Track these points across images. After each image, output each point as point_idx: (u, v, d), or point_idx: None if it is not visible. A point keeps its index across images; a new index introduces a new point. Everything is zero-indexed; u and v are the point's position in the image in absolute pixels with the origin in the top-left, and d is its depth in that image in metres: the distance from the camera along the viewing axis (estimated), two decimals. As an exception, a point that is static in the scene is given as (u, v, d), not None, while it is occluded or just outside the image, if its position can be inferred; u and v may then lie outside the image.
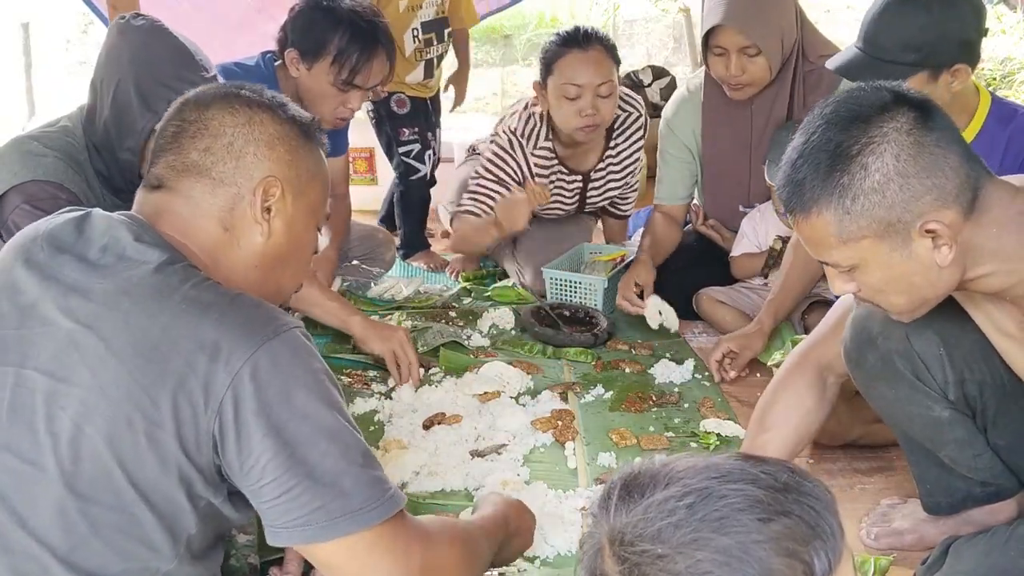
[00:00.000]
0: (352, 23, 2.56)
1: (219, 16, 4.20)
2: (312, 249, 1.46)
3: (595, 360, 2.66)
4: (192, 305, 1.20)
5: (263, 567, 1.64)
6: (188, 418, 1.16)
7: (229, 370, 1.16)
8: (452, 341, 2.73)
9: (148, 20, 2.06)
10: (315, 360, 1.24)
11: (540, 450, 2.18)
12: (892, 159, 1.32)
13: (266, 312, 1.24)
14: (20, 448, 1.19)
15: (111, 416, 1.16)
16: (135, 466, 1.17)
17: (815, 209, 1.37)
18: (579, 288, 2.98)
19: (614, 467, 2.09)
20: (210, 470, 1.20)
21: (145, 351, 1.17)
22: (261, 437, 1.17)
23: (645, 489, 0.89)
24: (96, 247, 1.26)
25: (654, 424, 2.31)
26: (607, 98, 2.82)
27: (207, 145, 1.31)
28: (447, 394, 2.38)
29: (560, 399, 2.41)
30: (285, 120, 1.36)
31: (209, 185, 1.31)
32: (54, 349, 1.20)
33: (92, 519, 1.18)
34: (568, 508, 1.91)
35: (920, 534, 1.82)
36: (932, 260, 1.37)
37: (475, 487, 1.99)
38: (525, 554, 1.76)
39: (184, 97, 1.38)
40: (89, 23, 9.04)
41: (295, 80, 2.62)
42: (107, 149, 2.04)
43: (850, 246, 1.38)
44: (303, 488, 1.18)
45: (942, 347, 1.61)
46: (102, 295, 1.21)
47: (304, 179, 1.37)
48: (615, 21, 8.17)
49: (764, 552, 0.82)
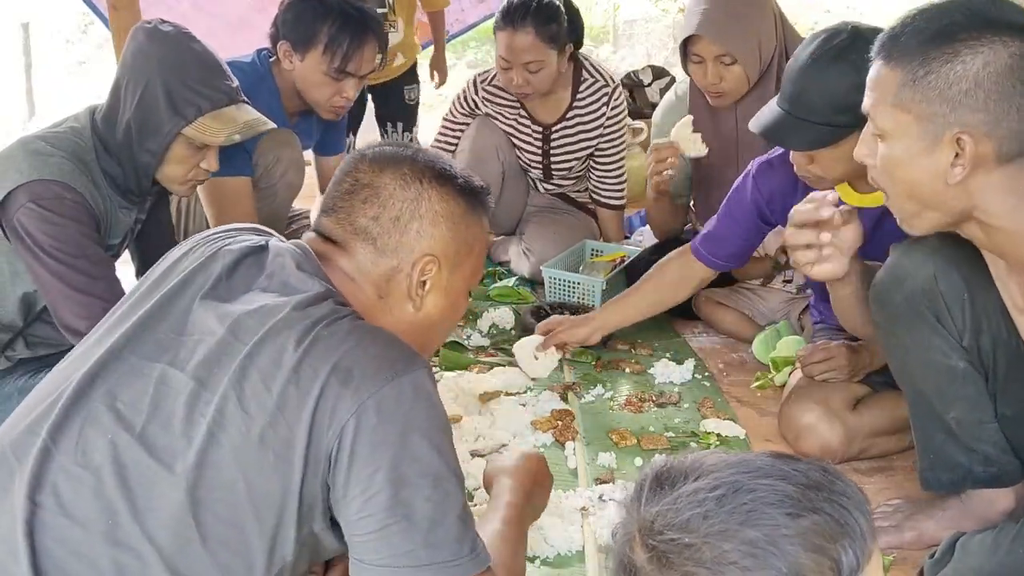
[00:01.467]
0: (341, 11, 2.59)
1: (218, 15, 4.22)
2: (463, 312, 1.53)
3: (595, 360, 2.66)
4: (335, 333, 1.24)
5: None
6: (315, 440, 1.19)
7: (357, 398, 1.19)
8: (452, 341, 2.73)
9: (176, 27, 2.11)
10: (436, 405, 1.27)
11: (540, 450, 2.18)
12: (980, 64, 1.36)
13: (402, 349, 1.27)
14: (154, 445, 1.21)
15: (245, 430, 1.19)
16: (257, 482, 1.19)
17: (895, 62, 1.43)
18: (578, 288, 2.99)
19: (614, 467, 2.10)
20: (322, 494, 1.22)
21: (287, 372, 1.20)
22: (373, 471, 1.19)
23: (676, 481, 0.90)
24: (265, 274, 1.33)
25: (654, 424, 2.31)
26: (536, 73, 3.00)
27: (376, 214, 1.36)
28: (447, 394, 2.38)
29: (560, 399, 2.41)
30: (453, 195, 1.40)
31: (373, 253, 1.36)
32: (204, 356, 1.24)
33: (204, 527, 1.19)
34: (568, 508, 1.91)
35: (919, 532, 1.82)
36: (944, 172, 1.42)
37: (475, 487, 1.99)
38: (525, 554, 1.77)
39: (360, 152, 1.43)
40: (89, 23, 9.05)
41: (290, 74, 2.65)
42: (125, 149, 2.07)
43: (894, 112, 1.44)
44: (398, 529, 1.19)
45: (967, 292, 1.64)
46: (258, 314, 1.26)
47: (463, 252, 1.42)
48: (615, 21, 8.18)
49: (792, 546, 0.83)
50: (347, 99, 2.70)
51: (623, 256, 3.15)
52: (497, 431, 2.22)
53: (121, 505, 1.19)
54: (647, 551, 0.88)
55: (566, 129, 3.24)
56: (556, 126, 3.24)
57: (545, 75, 3.01)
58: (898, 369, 1.78)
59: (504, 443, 2.17)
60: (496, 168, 3.31)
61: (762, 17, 2.65)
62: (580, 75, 3.18)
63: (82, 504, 1.19)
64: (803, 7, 8.24)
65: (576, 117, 3.21)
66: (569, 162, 3.31)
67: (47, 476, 1.21)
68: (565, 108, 3.21)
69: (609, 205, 3.35)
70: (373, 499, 1.19)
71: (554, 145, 3.28)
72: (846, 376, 2.19)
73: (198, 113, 2.03)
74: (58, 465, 1.21)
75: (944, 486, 1.77)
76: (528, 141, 3.30)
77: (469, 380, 2.45)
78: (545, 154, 3.30)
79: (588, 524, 1.86)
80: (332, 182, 1.43)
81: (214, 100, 2.05)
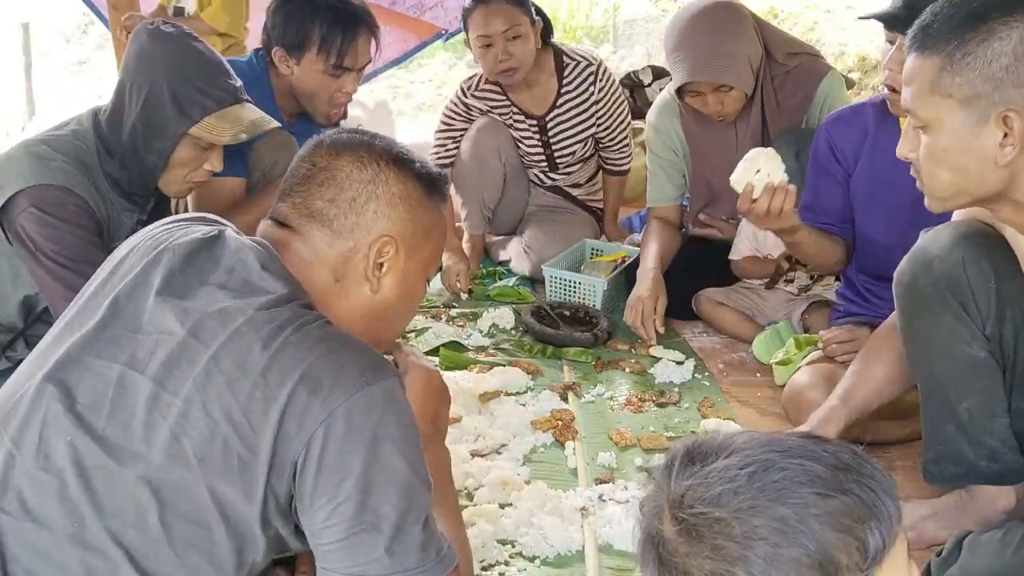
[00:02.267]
0: (328, 7, 2.58)
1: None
2: (420, 300, 1.51)
3: (595, 360, 2.66)
4: (304, 339, 1.23)
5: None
6: (281, 446, 1.19)
7: (326, 407, 1.19)
8: (452, 341, 2.73)
9: (178, 27, 2.12)
10: (406, 413, 1.26)
11: (540, 450, 2.18)
12: (1017, 38, 1.36)
13: (371, 357, 1.26)
14: (115, 446, 1.21)
15: (209, 434, 1.19)
16: (222, 485, 1.19)
17: (930, 49, 1.43)
18: (579, 288, 2.99)
19: (614, 467, 2.10)
20: (285, 499, 1.23)
21: (253, 377, 1.20)
22: (340, 479, 1.19)
23: (707, 457, 0.91)
24: (223, 268, 1.30)
25: (654, 424, 2.31)
26: (517, 40, 3.04)
27: (332, 196, 1.35)
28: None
29: (560, 399, 2.41)
30: (411, 177, 1.39)
31: (329, 235, 1.35)
32: (165, 357, 1.23)
33: (170, 527, 1.19)
34: (568, 508, 1.91)
35: (919, 531, 1.82)
36: (993, 153, 1.41)
37: (475, 487, 1.99)
38: (524, 554, 1.78)
39: (318, 139, 1.42)
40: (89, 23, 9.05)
41: (288, 77, 2.65)
42: (131, 151, 2.07)
43: (934, 99, 1.43)
44: (365, 537, 1.20)
45: (994, 280, 1.64)
46: (221, 316, 1.24)
47: (420, 236, 1.41)
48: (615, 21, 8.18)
49: (819, 525, 0.84)
50: (348, 94, 2.70)
51: (624, 256, 3.15)
52: (497, 431, 2.22)
53: (86, 508, 1.19)
54: (676, 524, 0.89)
55: (559, 116, 3.26)
56: (549, 116, 3.26)
57: (524, 46, 3.05)
58: (916, 355, 1.78)
59: (504, 443, 2.17)
60: (498, 169, 3.32)
61: (745, 39, 2.63)
62: (562, 61, 3.23)
63: (47, 508, 1.19)
64: (803, 7, 8.23)
65: (567, 103, 3.24)
66: (571, 147, 3.33)
67: (11, 481, 1.21)
68: (554, 97, 3.24)
69: (611, 171, 3.46)
70: (340, 507, 1.19)
71: (552, 135, 3.29)
72: None
73: (204, 113, 2.04)
74: (21, 470, 1.21)
75: (946, 479, 1.78)
76: (526, 136, 3.32)
77: (469, 380, 2.44)
78: (545, 145, 3.32)
79: (588, 524, 1.86)
80: (289, 169, 1.42)
81: (219, 100, 2.06)
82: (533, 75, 3.17)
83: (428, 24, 4.47)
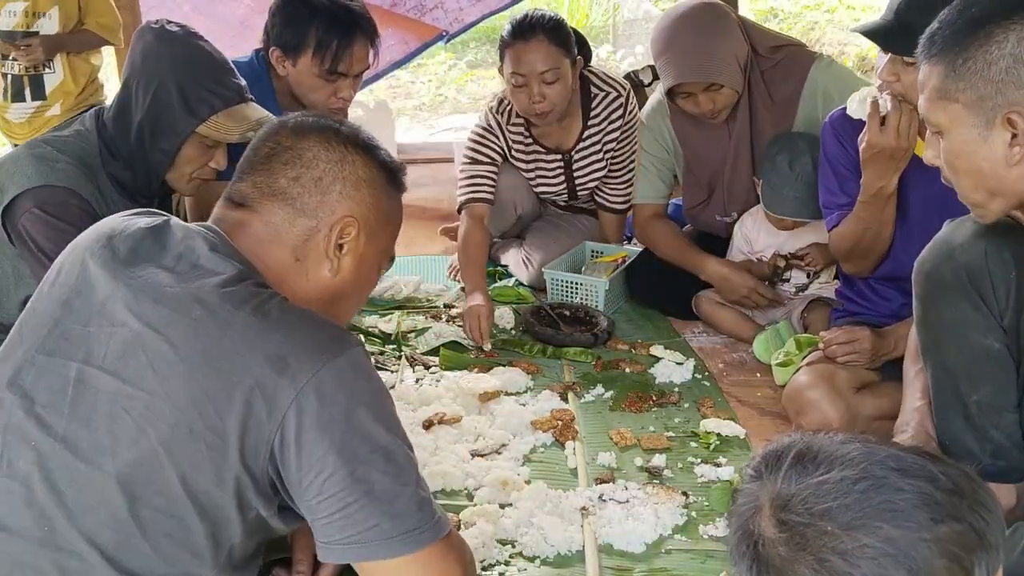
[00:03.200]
0: (327, 12, 2.58)
1: (220, 18, 4.21)
2: (372, 288, 1.52)
3: (595, 360, 2.66)
4: (262, 319, 1.22)
5: (267, 565, 1.64)
6: (250, 428, 1.19)
7: (295, 385, 1.19)
8: (452, 341, 2.73)
9: (182, 26, 2.12)
10: (375, 379, 1.27)
11: (540, 450, 2.18)
12: (1014, 40, 1.39)
13: (332, 330, 1.27)
14: (79, 445, 1.20)
15: (174, 422, 1.18)
16: (191, 473, 1.19)
17: (936, 57, 1.46)
18: (580, 289, 2.99)
19: (614, 467, 2.10)
20: (264, 481, 1.22)
21: (214, 360, 1.19)
22: (323, 453, 1.19)
23: (820, 464, 0.90)
24: (171, 255, 1.29)
25: (654, 424, 2.31)
26: (553, 84, 2.88)
27: (297, 174, 1.35)
28: (447, 394, 2.38)
29: (560, 399, 2.41)
30: (376, 164, 1.40)
31: (291, 214, 1.35)
32: (121, 350, 1.22)
33: (142, 521, 1.19)
34: (568, 508, 1.91)
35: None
36: (1003, 153, 1.43)
37: (475, 487, 1.99)
38: (524, 554, 1.78)
39: (282, 120, 1.42)
40: (89, 23, 9.04)
41: (286, 77, 2.65)
42: (137, 150, 2.07)
43: (943, 105, 1.46)
44: (361, 506, 1.21)
45: (1015, 271, 1.65)
46: (173, 301, 1.23)
47: (380, 222, 1.42)
48: (615, 21, 8.18)
49: (929, 551, 0.84)
50: (344, 100, 2.70)
51: (624, 256, 3.14)
52: (497, 431, 2.22)
53: (55, 511, 1.19)
54: (780, 527, 0.89)
55: (585, 149, 3.16)
56: (576, 149, 3.16)
57: (562, 88, 2.88)
58: (930, 344, 1.78)
59: (504, 443, 2.17)
60: (511, 218, 3.26)
61: (730, 37, 2.64)
62: (589, 92, 3.09)
63: (15, 515, 1.19)
64: (803, 7, 8.24)
65: (591, 137, 3.14)
66: (594, 179, 3.23)
67: None
68: (580, 130, 3.12)
69: (615, 210, 3.30)
70: (329, 480, 1.20)
71: (576, 168, 3.20)
72: (867, 360, 2.23)
73: (212, 111, 2.04)
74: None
75: None
76: (546, 172, 3.21)
77: (469, 380, 2.44)
78: (569, 179, 3.23)
79: (588, 524, 1.86)
80: (249, 148, 1.42)
81: (226, 98, 2.06)
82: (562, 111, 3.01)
83: (429, 26, 4.46)
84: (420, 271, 3.40)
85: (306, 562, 1.55)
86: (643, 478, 2.06)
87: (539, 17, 2.89)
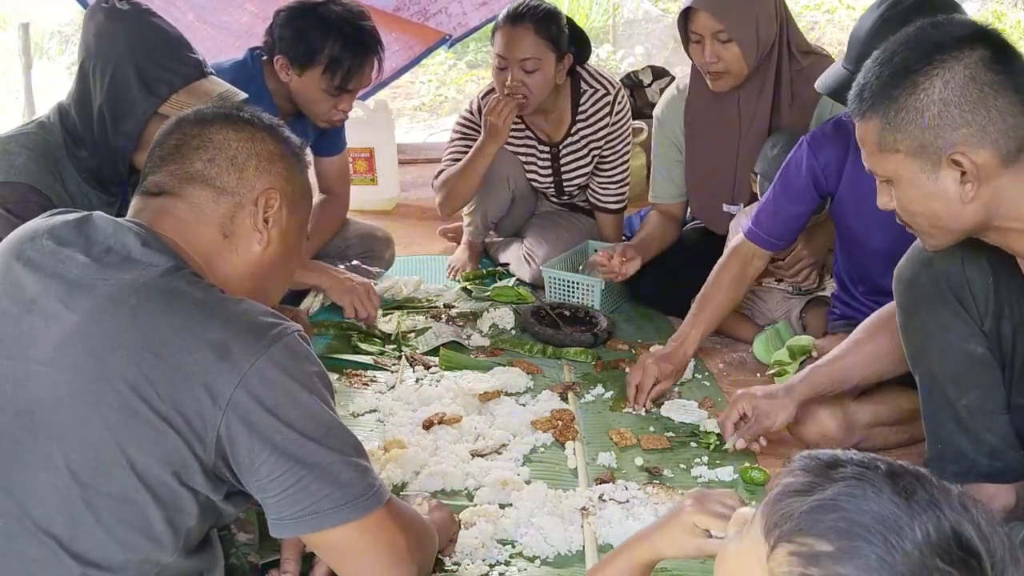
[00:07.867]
0: (341, 31, 2.57)
1: (224, 27, 4.18)
2: (298, 262, 1.57)
3: (595, 360, 2.66)
4: (201, 307, 1.25)
5: (263, 568, 1.64)
6: (195, 414, 1.21)
7: (238, 370, 1.22)
8: (452, 341, 2.73)
9: (134, 3, 2.05)
10: (313, 363, 1.32)
11: (540, 450, 2.18)
12: (940, 84, 1.41)
13: (270, 316, 1.30)
14: (24, 440, 1.21)
15: (118, 407, 1.19)
16: (140, 457, 1.20)
17: (869, 113, 1.48)
18: (577, 288, 2.98)
19: (614, 467, 2.09)
20: (212, 466, 1.24)
21: (155, 346, 1.21)
22: (271, 434, 1.23)
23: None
24: (99, 247, 1.30)
25: (654, 424, 2.31)
26: (532, 74, 2.92)
27: (211, 156, 1.38)
28: (447, 394, 2.38)
29: (560, 399, 2.41)
30: (282, 141, 1.45)
31: (212, 193, 1.37)
32: (57, 342, 1.23)
33: (96, 508, 1.20)
34: (568, 508, 1.91)
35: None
36: (956, 193, 1.45)
37: (475, 487, 1.99)
38: (524, 554, 1.77)
39: (181, 115, 1.45)
40: (89, 23, 9.04)
41: (285, 82, 2.64)
42: (101, 136, 2.02)
43: (886, 157, 1.48)
44: (314, 477, 1.26)
45: (992, 277, 1.67)
46: (108, 291, 1.25)
47: (298, 195, 1.47)
48: (615, 21, 8.17)
49: None
50: (343, 112, 2.72)
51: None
52: (497, 431, 2.22)
53: (6, 505, 1.20)
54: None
55: (572, 144, 3.19)
56: (563, 143, 3.19)
57: (540, 79, 2.93)
58: (915, 352, 1.79)
59: (504, 443, 2.17)
60: (506, 196, 3.25)
61: (763, 5, 2.66)
62: (579, 88, 3.13)
63: None
64: (803, 7, 8.23)
65: (580, 131, 3.17)
66: (581, 176, 3.26)
67: None
68: (568, 124, 3.17)
69: (608, 209, 3.30)
70: (280, 460, 1.24)
71: (563, 162, 3.23)
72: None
73: (171, 90, 1.98)
74: None
75: (948, 478, 1.77)
76: (536, 160, 3.25)
77: (469, 380, 2.44)
78: (556, 172, 3.26)
79: (588, 524, 1.86)
80: (153, 145, 1.43)
81: (185, 75, 2.01)
82: (550, 102, 3.07)
83: (433, 30, 4.45)
84: (420, 271, 3.40)
85: (292, 561, 1.57)
86: (643, 478, 2.06)
87: (534, 6, 2.93)
